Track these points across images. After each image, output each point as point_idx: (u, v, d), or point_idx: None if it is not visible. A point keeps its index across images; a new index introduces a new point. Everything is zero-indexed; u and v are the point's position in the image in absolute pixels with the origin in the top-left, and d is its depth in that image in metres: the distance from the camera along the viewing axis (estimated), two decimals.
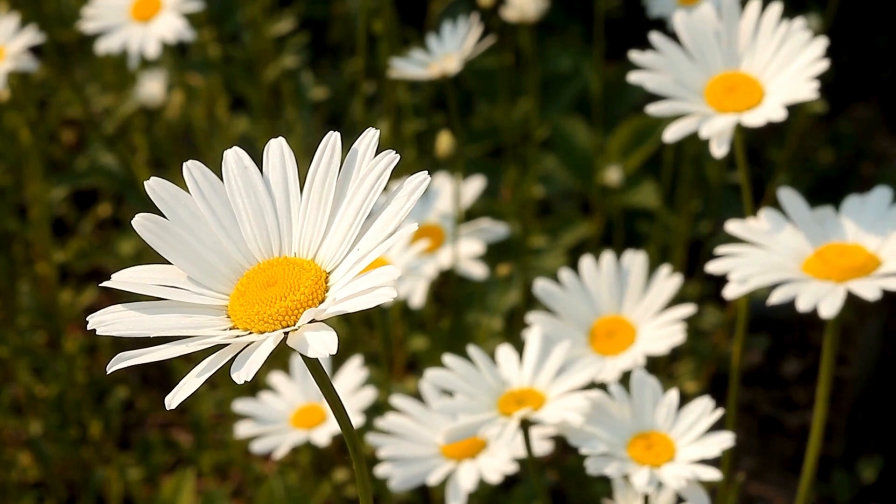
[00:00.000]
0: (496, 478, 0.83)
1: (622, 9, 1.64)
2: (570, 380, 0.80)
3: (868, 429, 1.33)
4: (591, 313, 0.91)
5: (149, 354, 0.52)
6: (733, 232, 0.80)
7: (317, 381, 0.55)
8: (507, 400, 0.79)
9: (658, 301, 0.91)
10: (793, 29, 0.83)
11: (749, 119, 0.80)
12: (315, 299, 0.53)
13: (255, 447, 0.95)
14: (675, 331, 0.89)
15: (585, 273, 0.92)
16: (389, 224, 0.53)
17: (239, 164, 0.57)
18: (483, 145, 1.48)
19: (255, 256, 0.57)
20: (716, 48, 0.84)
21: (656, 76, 0.82)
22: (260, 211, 0.57)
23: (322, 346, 0.50)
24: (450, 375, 0.80)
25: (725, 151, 0.80)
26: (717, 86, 0.83)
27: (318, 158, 0.56)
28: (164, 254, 0.56)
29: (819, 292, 0.74)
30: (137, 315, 0.54)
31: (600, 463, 0.75)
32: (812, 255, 0.78)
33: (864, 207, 0.80)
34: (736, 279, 0.76)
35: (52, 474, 1.24)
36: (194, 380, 0.51)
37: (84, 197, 1.59)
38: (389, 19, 1.27)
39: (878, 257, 0.77)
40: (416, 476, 0.85)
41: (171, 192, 0.57)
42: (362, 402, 0.95)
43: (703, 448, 0.76)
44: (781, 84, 0.82)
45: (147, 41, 1.13)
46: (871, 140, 1.64)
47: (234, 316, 0.54)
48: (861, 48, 1.76)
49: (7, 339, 1.25)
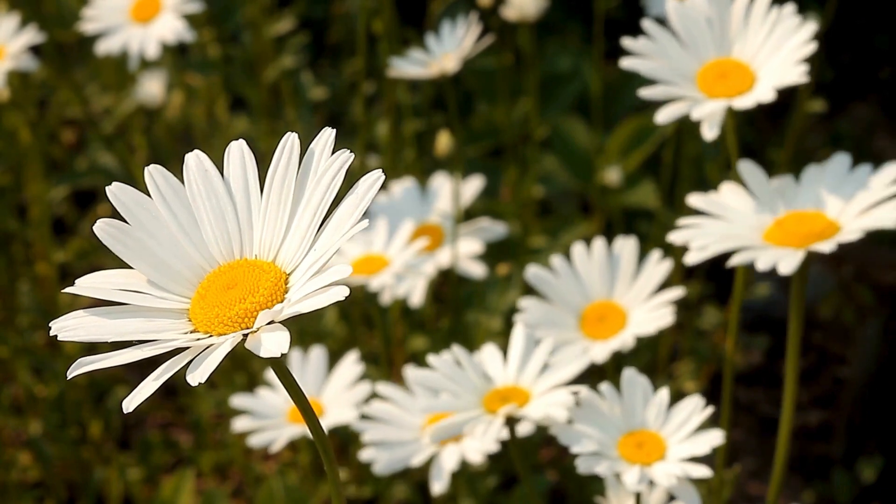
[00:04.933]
0: (478, 458, 0.84)
1: (622, 9, 1.64)
2: (555, 376, 0.80)
3: (868, 429, 1.33)
4: (582, 299, 0.92)
5: (110, 359, 0.52)
6: (694, 205, 0.81)
7: (281, 381, 0.55)
8: (492, 398, 0.79)
9: (648, 286, 0.92)
10: (783, 14, 0.84)
11: (740, 103, 0.81)
12: (274, 301, 0.54)
13: (252, 441, 0.95)
14: (665, 313, 0.89)
15: (577, 259, 0.92)
16: (345, 223, 0.53)
17: (199, 167, 0.57)
18: (483, 145, 1.48)
19: (216, 259, 0.57)
20: (707, 35, 0.84)
21: (649, 62, 0.83)
22: (221, 213, 0.57)
23: (275, 347, 0.50)
24: (434, 375, 0.80)
25: (716, 134, 0.80)
26: (709, 72, 0.83)
27: (277, 159, 0.56)
28: (126, 259, 0.56)
29: (778, 254, 0.75)
30: (99, 320, 0.54)
31: (591, 462, 0.75)
32: (772, 225, 0.79)
33: (822, 176, 0.81)
34: (696, 247, 0.77)
35: (52, 474, 1.24)
36: (151, 383, 0.52)
37: (84, 197, 1.59)
38: (389, 19, 1.27)
39: (838, 223, 0.78)
40: (400, 460, 0.86)
41: (132, 197, 0.57)
42: (358, 396, 0.96)
43: (693, 446, 0.76)
44: (772, 69, 0.83)
45: (147, 42, 1.13)
46: (871, 140, 1.64)
47: (194, 319, 0.55)
48: (861, 48, 1.76)
49: (7, 339, 1.25)
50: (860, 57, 1.75)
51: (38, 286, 1.38)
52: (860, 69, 1.75)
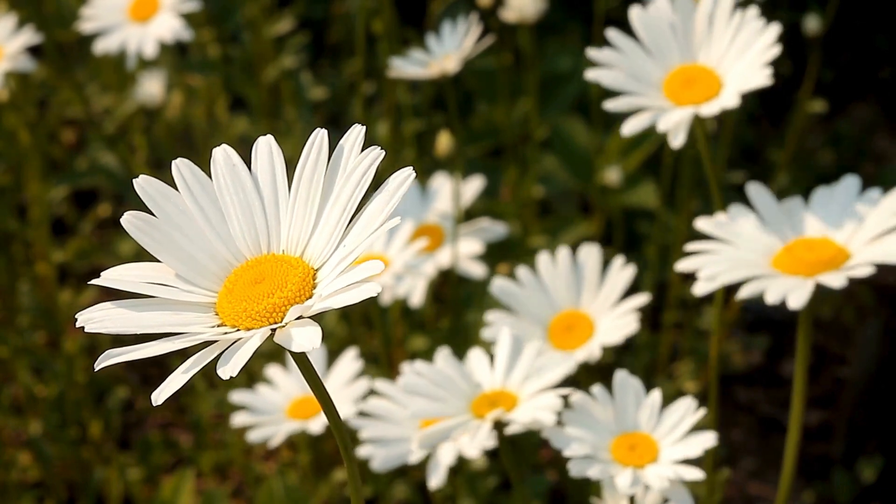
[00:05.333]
0: (475, 453, 0.84)
1: (622, 9, 1.64)
2: (542, 379, 0.80)
3: (868, 429, 1.33)
4: (549, 309, 0.92)
5: (137, 351, 0.52)
6: (702, 229, 0.80)
7: (305, 377, 0.55)
8: (480, 402, 0.79)
9: (614, 293, 0.92)
10: (746, 18, 0.83)
11: (706, 110, 0.80)
12: (302, 296, 0.54)
13: (251, 437, 0.96)
14: (630, 321, 0.89)
15: (542, 269, 0.92)
16: (375, 220, 0.53)
17: (227, 161, 0.57)
18: (483, 145, 1.48)
19: (243, 254, 0.57)
20: (672, 41, 0.84)
21: (612, 72, 0.82)
22: (248, 208, 0.57)
23: (306, 341, 0.50)
24: (422, 382, 0.80)
25: (682, 142, 0.80)
26: (675, 79, 0.83)
27: (306, 156, 0.56)
28: (154, 251, 0.56)
29: (787, 285, 0.74)
30: (126, 312, 0.54)
31: (583, 465, 0.75)
32: (781, 251, 0.78)
33: (831, 199, 0.80)
34: (704, 276, 0.76)
35: (52, 474, 1.24)
36: (180, 376, 0.51)
37: (84, 197, 1.59)
38: (389, 19, 1.27)
39: (848, 250, 0.77)
40: (397, 456, 0.86)
41: (160, 191, 0.57)
42: (356, 393, 0.96)
43: (686, 448, 0.76)
44: (737, 73, 0.82)
45: (145, 41, 1.13)
46: (871, 140, 1.64)
47: (222, 313, 0.54)
48: (861, 48, 1.76)
49: (7, 339, 1.25)
50: (860, 57, 1.75)
51: (38, 286, 1.38)
52: (860, 69, 1.75)
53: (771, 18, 0.86)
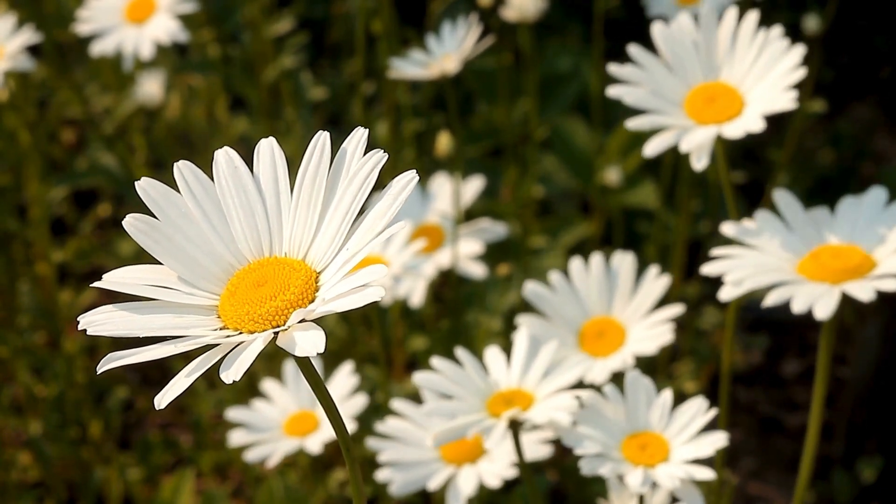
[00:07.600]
0: (496, 482, 0.83)
1: (622, 9, 1.64)
2: (558, 379, 0.80)
3: (868, 429, 1.33)
4: (580, 315, 0.91)
5: (139, 354, 0.51)
6: (728, 234, 0.80)
7: (309, 382, 0.55)
8: (495, 401, 0.79)
9: (647, 301, 0.91)
10: (771, 37, 0.82)
11: (729, 131, 0.80)
12: (305, 299, 0.53)
13: (248, 456, 0.95)
14: (664, 331, 0.88)
15: (575, 275, 0.92)
16: (378, 223, 0.53)
17: (229, 164, 0.57)
18: (483, 145, 1.48)
19: (245, 256, 0.57)
20: (695, 59, 0.83)
21: (634, 90, 0.82)
22: (250, 211, 0.57)
23: (310, 346, 0.50)
24: (438, 378, 0.80)
25: (706, 164, 0.79)
26: (697, 97, 0.82)
27: (308, 158, 0.56)
28: (155, 254, 0.56)
29: (814, 294, 0.74)
30: (128, 315, 0.54)
31: (594, 464, 0.75)
32: (807, 257, 0.78)
33: (859, 208, 0.80)
34: (731, 281, 0.76)
35: (52, 474, 1.24)
36: (183, 380, 0.51)
37: (84, 197, 1.59)
38: (389, 19, 1.27)
39: (874, 259, 0.77)
40: (415, 481, 0.84)
41: (161, 193, 0.56)
42: (354, 409, 0.95)
43: (697, 448, 0.76)
44: (761, 93, 0.81)
45: (141, 43, 1.13)
46: (871, 140, 1.64)
47: (224, 316, 0.54)
48: (861, 48, 1.76)
49: (7, 339, 1.25)
50: (860, 57, 1.75)
51: (37, 286, 1.37)
52: (860, 69, 1.75)
53: (771, 18, 0.86)
